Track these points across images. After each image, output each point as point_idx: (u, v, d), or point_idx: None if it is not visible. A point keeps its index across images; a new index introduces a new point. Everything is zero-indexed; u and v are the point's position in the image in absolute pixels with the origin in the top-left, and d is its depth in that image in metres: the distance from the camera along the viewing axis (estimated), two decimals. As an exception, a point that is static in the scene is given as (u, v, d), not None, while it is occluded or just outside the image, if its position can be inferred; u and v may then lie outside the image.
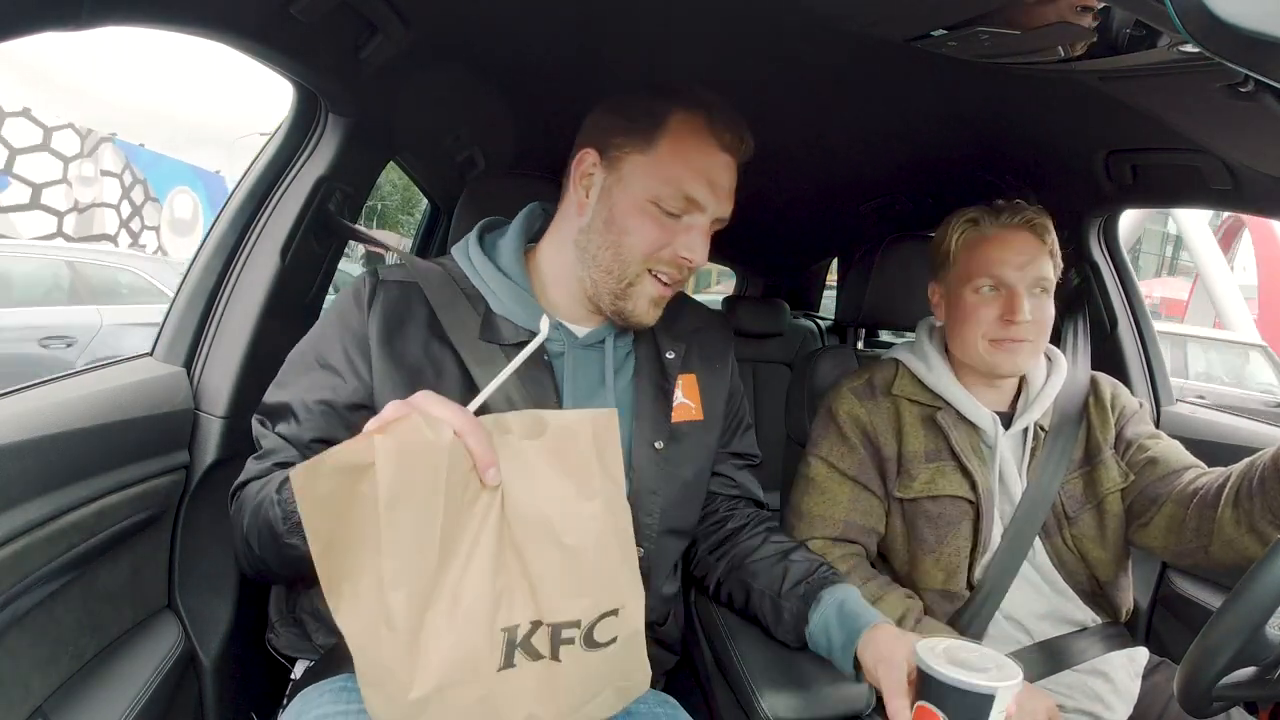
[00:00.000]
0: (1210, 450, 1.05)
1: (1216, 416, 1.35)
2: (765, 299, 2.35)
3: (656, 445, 0.87)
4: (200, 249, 1.05)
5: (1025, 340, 1.01)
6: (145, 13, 0.67)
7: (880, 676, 0.70)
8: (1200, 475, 0.97)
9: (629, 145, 0.82)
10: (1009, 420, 1.06)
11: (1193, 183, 1.07)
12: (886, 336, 2.28)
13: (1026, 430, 1.06)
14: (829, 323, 2.41)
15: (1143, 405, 1.11)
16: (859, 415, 1.09)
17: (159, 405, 0.92)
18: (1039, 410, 1.06)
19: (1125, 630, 1.06)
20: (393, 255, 1.02)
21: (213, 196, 11.02)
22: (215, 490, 0.97)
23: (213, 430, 0.98)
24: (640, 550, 0.83)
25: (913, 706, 0.64)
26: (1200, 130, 0.93)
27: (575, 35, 1.08)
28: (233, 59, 0.88)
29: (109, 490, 0.82)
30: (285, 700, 0.84)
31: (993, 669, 0.62)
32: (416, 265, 0.87)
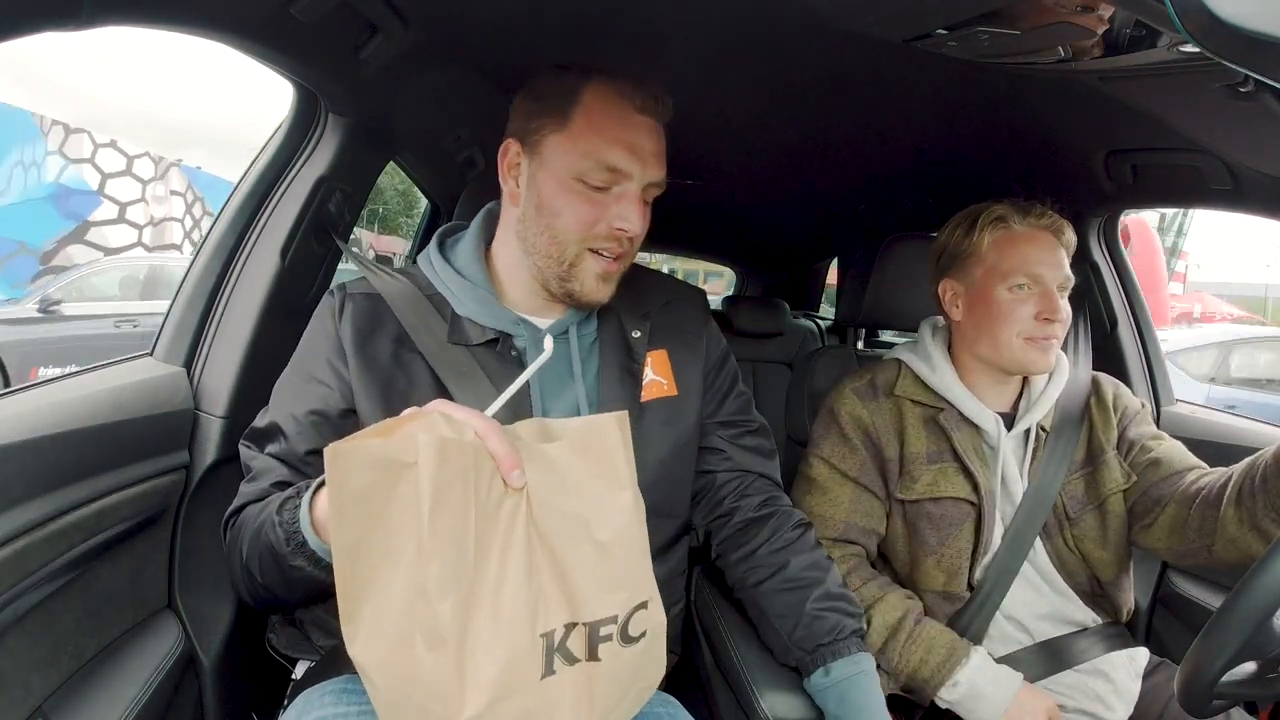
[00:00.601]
0: (1210, 450, 1.05)
1: (1216, 416, 1.35)
2: (765, 299, 2.34)
3: None
4: (200, 249, 1.05)
5: (1056, 338, 1.02)
6: (145, 13, 0.67)
7: None
8: (1203, 476, 0.97)
9: (546, 126, 0.82)
10: (1011, 421, 1.06)
11: (1193, 183, 1.07)
12: (887, 336, 2.28)
13: (1028, 431, 1.06)
14: (829, 323, 2.41)
15: (1144, 406, 1.11)
16: (861, 416, 1.09)
17: (159, 405, 0.92)
18: (1041, 411, 1.06)
19: (1126, 630, 1.06)
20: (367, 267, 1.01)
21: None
22: (215, 490, 0.97)
23: (213, 430, 0.98)
24: None
25: None
26: (1200, 130, 0.93)
27: (575, 35, 1.08)
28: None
29: (109, 490, 0.82)
30: (285, 701, 0.84)
31: None
32: (378, 277, 0.88)
